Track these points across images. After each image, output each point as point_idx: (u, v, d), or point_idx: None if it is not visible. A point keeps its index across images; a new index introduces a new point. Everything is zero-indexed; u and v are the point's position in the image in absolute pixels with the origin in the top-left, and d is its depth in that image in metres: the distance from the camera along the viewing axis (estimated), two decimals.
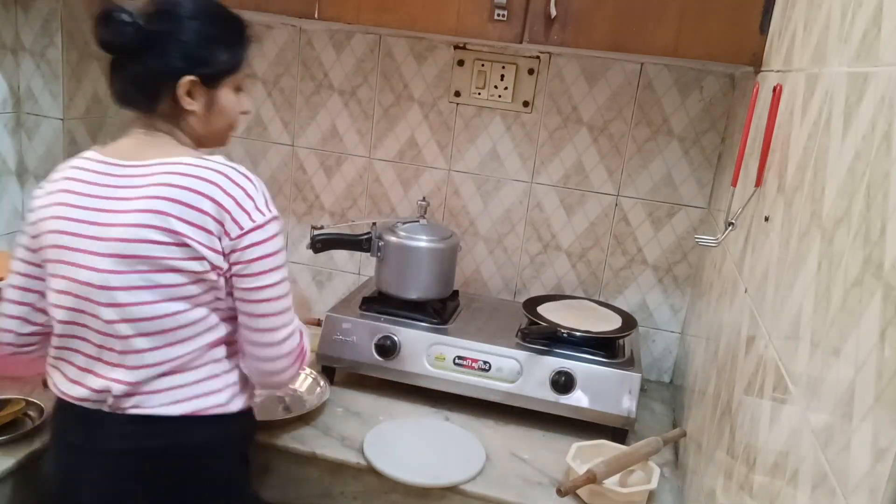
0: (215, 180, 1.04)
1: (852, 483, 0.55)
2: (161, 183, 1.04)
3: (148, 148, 1.10)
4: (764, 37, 1.27)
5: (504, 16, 1.37)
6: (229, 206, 1.03)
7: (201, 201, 1.02)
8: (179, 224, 1.02)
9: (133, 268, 1.03)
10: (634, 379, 1.45)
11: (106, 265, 1.03)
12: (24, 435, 1.28)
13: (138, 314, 1.04)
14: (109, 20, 1.05)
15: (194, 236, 1.02)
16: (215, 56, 1.11)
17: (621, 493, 1.25)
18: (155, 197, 1.03)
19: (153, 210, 1.02)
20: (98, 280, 1.04)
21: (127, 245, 1.03)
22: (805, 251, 0.78)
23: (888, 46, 0.64)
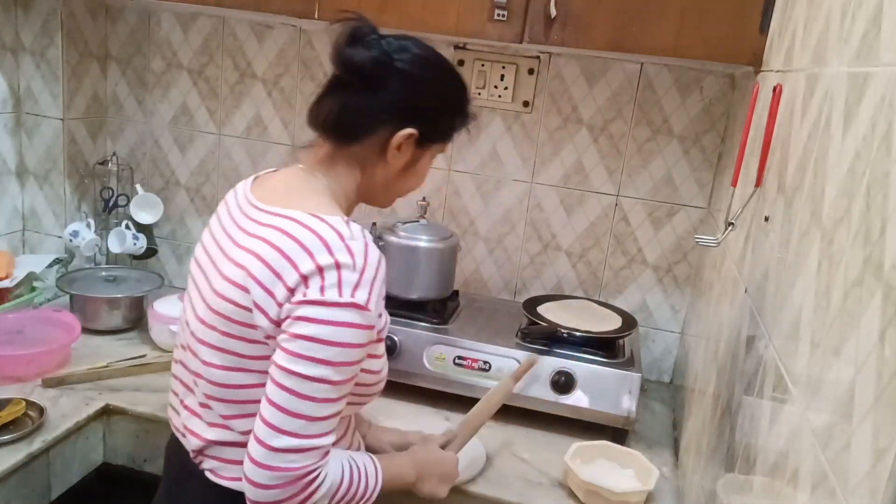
0: (309, 245, 0.89)
1: (852, 483, 0.55)
2: (263, 237, 0.92)
3: (286, 192, 1.00)
4: (764, 37, 1.27)
5: (504, 16, 1.37)
6: (309, 274, 0.88)
7: (285, 267, 0.89)
8: (257, 289, 0.89)
9: (215, 324, 0.94)
10: (634, 379, 1.45)
11: (201, 312, 0.96)
12: (24, 435, 1.28)
13: (212, 377, 0.95)
14: (363, 43, 0.97)
15: (264, 305, 0.89)
16: (442, 119, 1.04)
17: (618, 494, 1.25)
18: (252, 252, 0.92)
19: (245, 267, 0.91)
20: (193, 327, 0.98)
21: (215, 297, 0.94)
22: (805, 251, 0.78)
23: (888, 46, 0.64)
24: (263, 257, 0.90)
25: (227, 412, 0.96)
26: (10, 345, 1.55)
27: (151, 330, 1.69)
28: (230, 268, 0.93)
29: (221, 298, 0.93)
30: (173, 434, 1.08)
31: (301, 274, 0.88)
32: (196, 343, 0.97)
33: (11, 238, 1.93)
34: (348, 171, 1.02)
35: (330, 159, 1.01)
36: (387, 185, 1.05)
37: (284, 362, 0.88)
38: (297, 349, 0.87)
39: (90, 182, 1.97)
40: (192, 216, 2.04)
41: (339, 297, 0.87)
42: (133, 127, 2.01)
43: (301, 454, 0.87)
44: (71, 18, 1.82)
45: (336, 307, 0.87)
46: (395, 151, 1.00)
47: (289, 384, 0.87)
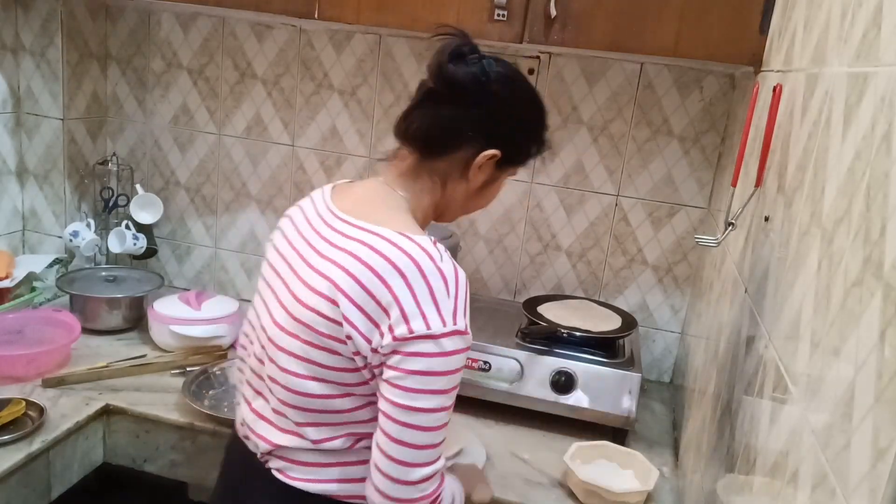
0: (402, 267, 0.90)
1: (852, 483, 0.55)
2: (351, 252, 0.93)
3: (369, 205, 1.00)
4: (764, 37, 1.27)
5: (504, 16, 1.37)
6: (405, 300, 0.89)
7: (377, 286, 0.89)
8: (347, 303, 0.90)
9: (296, 332, 0.94)
10: (634, 379, 1.45)
11: (280, 318, 0.97)
12: (24, 435, 1.28)
13: (289, 384, 0.96)
14: (464, 58, 0.99)
15: (354, 320, 0.90)
16: (524, 144, 1.06)
17: (618, 494, 1.25)
18: (339, 266, 0.92)
19: (332, 279, 0.91)
20: (271, 332, 0.98)
21: (298, 306, 0.94)
22: (805, 251, 0.78)
23: (888, 46, 0.64)
24: (352, 272, 0.91)
25: (301, 419, 0.97)
26: (10, 345, 1.55)
27: (151, 330, 1.69)
28: (315, 278, 0.94)
29: (306, 308, 0.94)
30: (236, 436, 1.08)
31: (394, 295, 0.89)
32: (275, 349, 0.98)
33: (11, 238, 1.93)
34: (430, 186, 1.03)
35: (413, 173, 1.02)
36: (462, 203, 1.06)
37: (402, 399, 0.89)
38: (412, 385, 0.89)
39: (90, 182, 1.97)
40: (192, 216, 2.04)
41: (443, 326, 0.89)
42: (133, 127, 2.01)
43: (432, 480, 0.92)
44: (71, 18, 1.82)
45: (442, 338, 0.89)
46: (477, 170, 1.01)
47: (412, 420, 0.89)
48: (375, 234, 0.93)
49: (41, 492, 1.31)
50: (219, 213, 2.02)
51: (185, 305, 1.71)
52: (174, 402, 1.45)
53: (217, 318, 1.70)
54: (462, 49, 0.99)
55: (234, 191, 1.99)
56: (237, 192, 1.99)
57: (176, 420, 1.41)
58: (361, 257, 0.91)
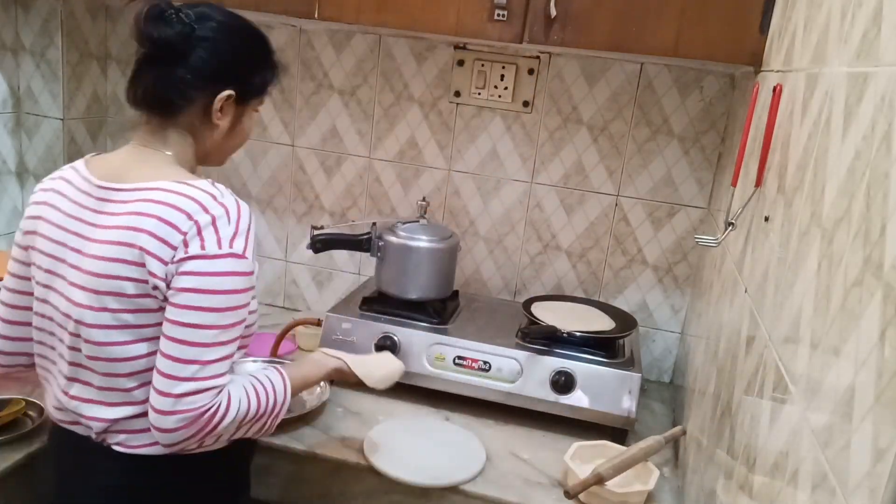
0: (186, 208, 0.96)
1: (852, 483, 0.55)
2: (136, 212, 0.97)
3: (135, 167, 1.04)
4: (764, 37, 1.27)
5: (504, 16, 1.37)
6: (189, 232, 0.95)
7: (168, 232, 0.95)
8: (149, 258, 0.95)
9: (104, 305, 0.97)
10: (634, 379, 1.45)
11: (81, 299, 0.99)
12: (24, 435, 1.28)
13: (113, 354, 0.99)
14: (162, 17, 1.00)
15: (155, 270, 0.95)
16: (253, 75, 1.09)
17: (618, 494, 1.25)
18: (128, 227, 0.96)
19: (125, 243, 0.96)
20: (76, 315, 0.99)
21: (98, 280, 0.97)
22: (805, 251, 0.78)
23: (888, 46, 0.64)
24: (147, 229, 0.95)
25: (129, 384, 1.01)
26: None
27: None
28: (109, 248, 0.97)
29: (109, 278, 0.97)
30: (57, 427, 1.09)
31: (182, 232, 0.95)
32: (87, 329, 0.99)
33: (11, 238, 1.93)
34: (181, 140, 1.07)
35: (161, 132, 1.06)
36: (218, 146, 1.11)
37: (174, 315, 0.95)
38: (184, 301, 0.95)
39: None
40: None
41: (219, 248, 0.96)
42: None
43: (199, 395, 0.95)
44: (71, 18, 1.82)
45: (216, 259, 0.96)
46: (219, 114, 1.06)
47: (179, 335, 0.95)
48: (157, 189, 0.98)
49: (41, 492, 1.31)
50: None
51: None
52: None
53: None
54: (155, 9, 1.00)
55: (235, 191, 1.97)
56: (237, 192, 1.97)
57: None
58: (150, 212, 0.96)
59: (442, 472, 1.30)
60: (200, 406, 0.95)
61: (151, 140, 1.06)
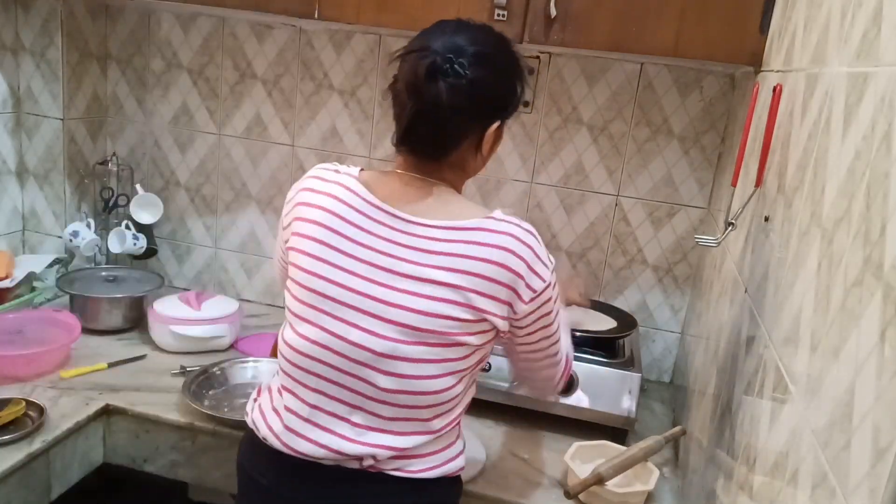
0: (509, 246, 0.98)
1: (852, 483, 0.55)
2: (460, 254, 0.98)
3: (432, 202, 1.03)
4: (764, 37, 1.27)
5: (504, 16, 1.37)
6: (522, 271, 0.99)
7: (499, 272, 0.98)
8: (481, 300, 0.97)
9: (423, 340, 0.98)
10: (634, 379, 1.45)
11: (392, 334, 0.98)
12: (24, 435, 1.28)
13: (421, 387, 0.99)
14: (444, 74, 0.96)
15: (491, 309, 0.98)
16: (514, 94, 1.06)
17: (618, 494, 1.25)
18: (455, 270, 0.97)
19: (455, 285, 0.97)
20: (381, 348, 0.98)
21: (421, 318, 0.97)
22: (805, 251, 0.78)
23: (888, 46, 0.64)
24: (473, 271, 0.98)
25: (429, 415, 1.03)
26: (10, 345, 1.55)
27: (151, 330, 1.69)
28: (430, 287, 0.98)
29: (433, 317, 0.98)
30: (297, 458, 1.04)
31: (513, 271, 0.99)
32: (391, 362, 0.99)
33: (11, 238, 1.93)
34: (453, 174, 1.07)
35: (436, 169, 1.05)
36: (481, 165, 1.11)
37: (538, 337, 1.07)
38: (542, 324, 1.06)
39: (90, 182, 1.97)
40: (192, 216, 2.04)
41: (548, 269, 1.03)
42: (133, 127, 2.01)
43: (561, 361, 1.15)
44: (71, 18, 1.82)
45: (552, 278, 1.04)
46: (488, 145, 1.06)
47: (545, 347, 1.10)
48: (469, 229, 1.00)
49: (41, 492, 1.31)
50: (219, 213, 2.02)
51: (185, 305, 1.71)
52: (174, 402, 1.45)
53: (217, 318, 1.70)
54: (438, 66, 0.96)
55: (234, 191, 1.99)
56: (237, 192, 1.99)
57: (176, 420, 1.41)
58: (476, 255, 0.98)
59: None
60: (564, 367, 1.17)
61: (427, 172, 1.05)
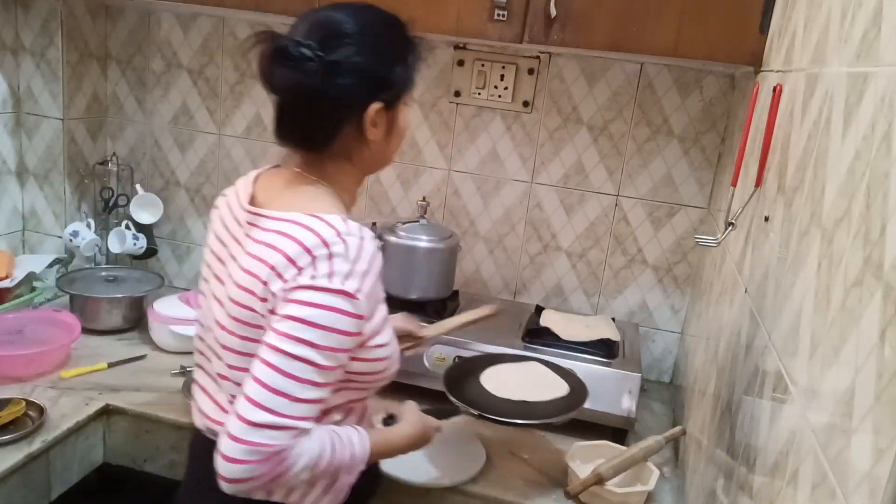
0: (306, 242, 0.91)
1: (852, 483, 0.55)
2: (266, 242, 0.94)
3: (284, 195, 1.00)
4: (764, 37, 1.27)
5: (504, 16, 1.37)
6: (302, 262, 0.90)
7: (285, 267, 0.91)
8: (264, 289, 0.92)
9: (234, 331, 0.96)
10: (634, 379, 1.45)
11: (222, 319, 0.98)
12: (25, 435, 1.28)
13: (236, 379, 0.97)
14: (288, 57, 0.91)
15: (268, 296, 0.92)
16: (395, 73, 0.99)
17: (618, 494, 1.25)
18: (258, 259, 0.93)
19: (252, 273, 0.93)
20: (217, 332, 1.00)
21: (232, 305, 0.96)
22: (805, 251, 0.78)
23: (888, 46, 0.64)
24: (269, 261, 0.92)
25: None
26: (10, 345, 1.55)
27: (151, 330, 1.69)
28: (242, 276, 0.95)
29: (238, 306, 0.95)
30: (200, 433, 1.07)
31: (297, 267, 0.90)
32: (220, 349, 1.00)
33: (11, 238, 1.93)
34: (337, 168, 1.02)
35: (318, 162, 1.02)
36: (380, 156, 1.05)
37: (272, 340, 0.90)
38: (284, 329, 0.89)
39: (90, 182, 1.97)
40: (192, 216, 2.04)
41: (329, 283, 0.89)
42: (133, 127, 2.01)
43: (278, 432, 0.87)
44: (71, 18, 1.82)
45: (325, 292, 0.89)
46: (373, 129, 0.99)
47: (274, 361, 0.89)
48: (289, 221, 0.94)
49: (41, 492, 1.31)
50: None
51: (185, 305, 1.71)
52: (174, 402, 1.45)
53: None
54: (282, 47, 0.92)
55: None
56: None
57: (176, 420, 1.41)
58: (276, 245, 0.92)
59: (442, 472, 1.30)
60: (275, 444, 0.87)
61: (309, 169, 1.02)
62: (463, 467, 1.32)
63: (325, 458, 0.93)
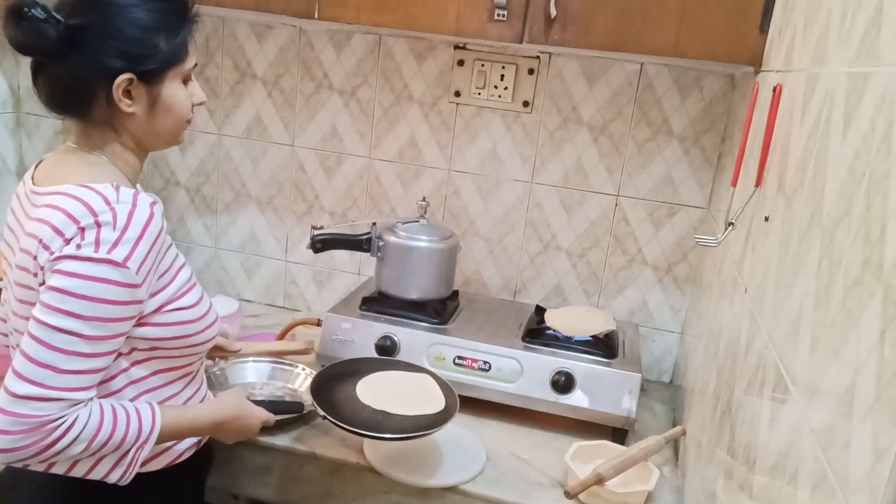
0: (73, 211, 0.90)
1: (852, 483, 0.55)
2: (38, 218, 0.93)
3: (57, 169, 0.99)
4: (764, 37, 1.27)
5: (504, 16, 1.37)
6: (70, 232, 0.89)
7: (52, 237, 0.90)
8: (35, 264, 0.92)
9: (24, 313, 0.95)
10: (634, 379, 1.45)
11: (14, 307, 0.99)
12: None
13: None
14: (21, 17, 0.88)
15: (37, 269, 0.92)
16: (153, 47, 0.95)
17: (618, 494, 1.25)
18: (29, 234, 0.93)
19: (26, 250, 0.93)
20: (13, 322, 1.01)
21: (17, 288, 0.97)
22: (805, 251, 0.78)
23: (888, 46, 0.64)
24: (38, 235, 0.92)
25: None
26: None
27: None
28: (20, 255, 0.95)
29: (20, 286, 0.97)
30: None
31: (65, 239, 0.90)
32: (15, 333, 1.01)
33: None
34: (103, 136, 1.00)
35: (85, 132, 1.01)
36: (149, 130, 1.01)
37: (37, 313, 0.89)
38: (48, 300, 0.89)
39: None
40: (192, 216, 2.04)
41: (95, 252, 0.88)
42: None
43: (44, 403, 0.87)
44: None
45: (89, 262, 0.88)
46: (128, 102, 0.96)
47: (38, 333, 0.88)
48: (58, 194, 0.93)
49: None
50: (219, 213, 2.02)
51: None
52: None
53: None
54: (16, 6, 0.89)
55: (234, 191, 1.99)
56: (237, 192, 1.99)
57: None
58: (46, 218, 0.91)
59: (442, 472, 1.30)
60: (43, 415, 0.87)
61: (81, 140, 1.01)
62: (463, 467, 1.32)
63: (104, 430, 0.92)
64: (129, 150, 1.03)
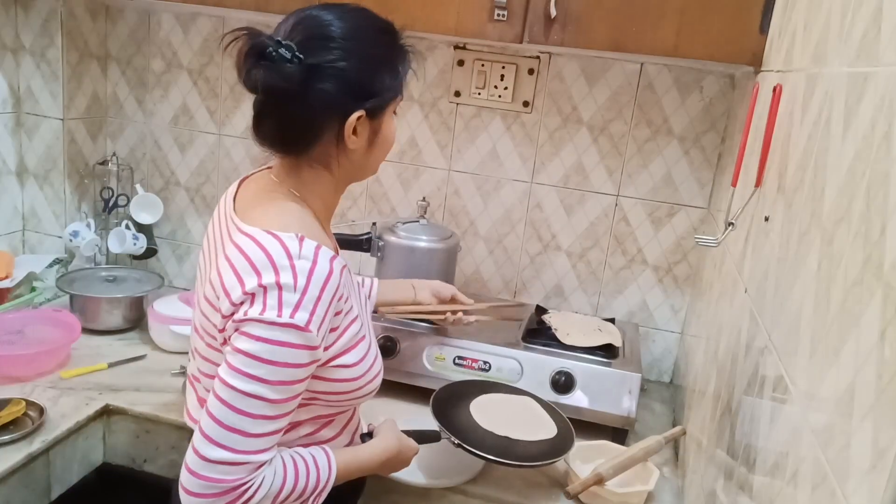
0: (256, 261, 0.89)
1: (852, 483, 0.55)
2: (226, 256, 0.93)
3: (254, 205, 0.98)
4: (764, 37, 1.27)
5: (504, 16, 1.37)
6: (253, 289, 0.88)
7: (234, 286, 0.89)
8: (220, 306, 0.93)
9: (203, 337, 0.99)
10: (634, 379, 1.45)
11: (196, 324, 1.02)
12: (24, 435, 1.28)
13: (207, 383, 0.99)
14: (266, 58, 0.89)
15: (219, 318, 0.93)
16: (381, 82, 0.96)
17: (618, 494, 1.25)
18: (219, 270, 0.93)
19: (213, 284, 0.94)
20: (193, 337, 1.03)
21: (199, 315, 0.99)
22: (805, 251, 0.78)
23: (888, 46, 0.64)
24: (223, 275, 0.92)
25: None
26: (10, 345, 1.55)
27: (151, 330, 1.69)
28: (208, 287, 0.96)
29: (202, 315, 0.98)
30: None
31: (244, 291, 0.88)
32: (194, 350, 1.03)
33: (11, 238, 1.93)
34: (314, 175, 1.00)
35: (295, 169, 1.00)
36: (362, 165, 1.02)
37: (224, 375, 0.89)
38: (234, 363, 0.88)
39: (90, 182, 1.97)
40: (192, 216, 2.04)
41: (278, 317, 0.87)
42: (133, 127, 2.01)
43: (234, 467, 0.88)
44: (71, 18, 1.82)
45: (274, 326, 0.87)
46: (353, 137, 0.96)
47: (225, 396, 0.88)
48: (245, 235, 0.93)
49: (41, 492, 1.31)
50: None
51: (185, 305, 1.71)
52: (174, 402, 1.45)
53: None
54: (260, 47, 0.90)
55: None
56: None
57: (176, 420, 1.41)
58: (231, 258, 0.91)
59: (442, 472, 1.30)
60: (233, 479, 0.88)
61: (284, 175, 1.01)
62: (463, 467, 1.32)
63: (287, 485, 0.93)
64: (333, 188, 1.03)
